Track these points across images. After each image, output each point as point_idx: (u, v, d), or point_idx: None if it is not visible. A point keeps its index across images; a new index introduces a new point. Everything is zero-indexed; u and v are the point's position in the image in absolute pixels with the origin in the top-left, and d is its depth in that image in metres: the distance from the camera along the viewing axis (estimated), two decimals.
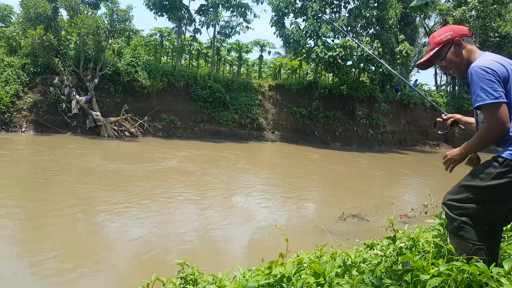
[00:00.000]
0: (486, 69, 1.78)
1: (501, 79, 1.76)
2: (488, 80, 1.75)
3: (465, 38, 2.03)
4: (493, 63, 1.81)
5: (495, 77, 1.75)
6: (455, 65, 2.05)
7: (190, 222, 7.05)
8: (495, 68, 1.78)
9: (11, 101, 17.15)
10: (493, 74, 1.76)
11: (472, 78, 1.81)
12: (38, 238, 5.66)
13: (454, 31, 2.04)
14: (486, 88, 1.75)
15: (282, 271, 1.55)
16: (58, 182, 9.07)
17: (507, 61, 1.86)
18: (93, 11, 19.43)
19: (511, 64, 1.85)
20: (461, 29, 2.06)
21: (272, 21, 23.97)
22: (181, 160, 13.75)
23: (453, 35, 2.03)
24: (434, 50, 2.07)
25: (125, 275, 4.71)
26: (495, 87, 1.74)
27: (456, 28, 2.06)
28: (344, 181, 12.80)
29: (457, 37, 2.02)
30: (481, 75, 1.77)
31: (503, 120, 1.73)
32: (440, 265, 1.35)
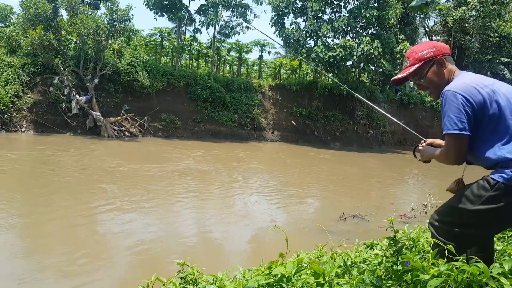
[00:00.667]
0: (457, 95, 1.70)
1: (473, 107, 1.69)
2: (456, 109, 1.70)
3: (447, 57, 1.94)
4: (467, 88, 1.72)
5: (464, 106, 1.69)
6: (434, 86, 1.93)
7: (190, 222, 7.05)
8: (468, 95, 1.70)
9: (11, 101, 17.15)
10: (463, 102, 1.69)
11: (443, 102, 1.76)
12: (36, 238, 5.66)
13: (437, 48, 1.93)
14: (452, 117, 1.70)
15: (282, 271, 1.55)
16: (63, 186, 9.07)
17: (484, 82, 1.76)
18: (93, 11, 19.43)
19: (488, 87, 1.74)
20: (443, 47, 1.95)
21: (272, 21, 23.97)
22: (197, 160, 13.75)
23: (436, 53, 1.91)
24: (414, 67, 1.93)
25: (125, 275, 4.71)
26: (461, 118, 1.69)
27: (438, 45, 1.95)
28: (344, 181, 12.80)
29: (440, 55, 1.91)
30: (451, 102, 1.71)
31: (458, 153, 1.73)
32: (440, 265, 1.35)
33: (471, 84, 1.74)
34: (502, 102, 1.70)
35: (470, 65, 29.06)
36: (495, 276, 1.30)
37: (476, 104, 1.69)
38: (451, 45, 29.31)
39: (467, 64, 29.20)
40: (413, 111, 28.55)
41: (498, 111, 1.69)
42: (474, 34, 28.70)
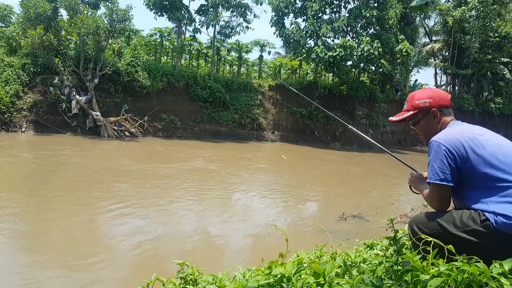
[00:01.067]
0: (442, 146, 1.77)
1: (455, 159, 1.74)
2: (439, 160, 1.76)
3: (443, 109, 1.98)
4: (452, 140, 1.77)
5: (447, 158, 1.75)
6: (425, 134, 2.03)
7: (190, 222, 7.05)
8: (451, 147, 1.75)
9: (11, 101, 17.15)
10: (446, 154, 1.75)
11: (429, 151, 1.84)
12: (36, 238, 5.66)
13: (434, 100, 1.98)
14: (435, 168, 1.77)
15: (282, 271, 1.55)
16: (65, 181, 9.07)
17: (471, 135, 1.78)
18: (93, 11, 19.43)
19: (475, 140, 1.76)
20: (441, 98, 1.99)
21: (272, 21, 23.97)
22: (207, 160, 13.75)
23: (431, 104, 1.98)
24: (409, 113, 2.05)
25: (125, 275, 4.71)
26: (444, 169, 1.75)
27: (437, 96, 1.99)
28: (344, 181, 12.80)
29: (435, 108, 1.97)
30: (435, 153, 1.79)
31: (440, 202, 1.80)
32: (440, 265, 1.35)
33: (457, 137, 1.78)
34: (487, 155, 1.72)
35: (470, 65, 29.05)
36: (495, 276, 1.30)
37: (458, 157, 1.74)
38: (451, 45, 29.36)
39: (467, 64, 29.20)
40: None
41: (482, 165, 1.71)
42: (474, 34, 28.70)
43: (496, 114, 30.38)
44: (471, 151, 1.73)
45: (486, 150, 1.73)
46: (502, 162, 1.70)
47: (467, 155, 1.73)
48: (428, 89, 2.03)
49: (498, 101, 30.48)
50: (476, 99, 30.56)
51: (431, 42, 33.38)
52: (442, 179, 1.75)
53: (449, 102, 2.00)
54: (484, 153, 1.72)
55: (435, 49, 31.14)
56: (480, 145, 1.75)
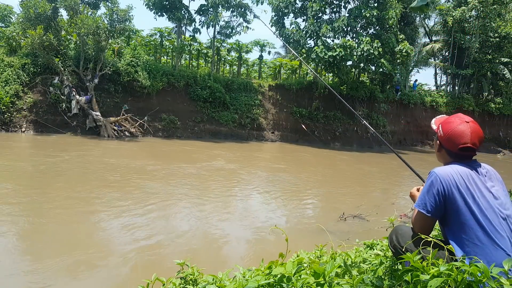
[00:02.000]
0: (437, 181, 1.83)
1: (443, 197, 1.82)
2: (432, 193, 1.85)
3: (450, 150, 1.97)
4: (447, 178, 1.82)
5: (439, 195, 1.82)
6: (435, 150, 2.14)
7: (190, 222, 7.05)
8: (445, 185, 1.81)
9: (11, 101, 17.16)
10: (439, 190, 1.82)
11: (427, 179, 1.90)
12: (34, 237, 5.66)
13: (444, 137, 1.97)
14: (426, 199, 1.87)
15: (282, 271, 1.55)
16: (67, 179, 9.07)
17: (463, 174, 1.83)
18: (93, 11, 19.43)
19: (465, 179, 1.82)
20: (450, 140, 1.93)
21: (272, 21, 23.97)
22: (228, 160, 13.74)
23: (440, 137, 2.03)
24: (434, 127, 2.12)
25: (125, 275, 4.71)
26: (432, 202, 1.84)
27: (449, 136, 1.94)
28: (344, 181, 12.80)
29: (441, 143, 2.02)
30: (431, 185, 1.86)
31: (420, 229, 1.89)
32: (440, 265, 1.35)
33: (454, 175, 1.83)
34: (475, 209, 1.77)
35: (470, 65, 29.05)
36: (495, 276, 1.30)
37: (447, 194, 1.81)
38: (451, 45, 29.37)
39: (467, 64, 29.20)
40: (413, 111, 28.56)
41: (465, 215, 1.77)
42: (474, 34, 28.70)
43: (496, 114, 30.37)
44: (460, 198, 1.80)
45: (476, 203, 1.78)
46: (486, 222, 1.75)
47: (453, 193, 1.81)
48: (460, 121, 1.92)
49: (498, 101, 30.47)
50: (476, 99, 30.55)
51: (431, 42, 33.38)
52: (429, 211, 1.86)
53: (456, 149, 1.91)
54: (474, 206, 1.77)
55: (435, 49, 31.14)
56: (475, 195, 1.79)
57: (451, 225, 1.83)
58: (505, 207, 1.80)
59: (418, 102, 28.66)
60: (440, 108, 28.84)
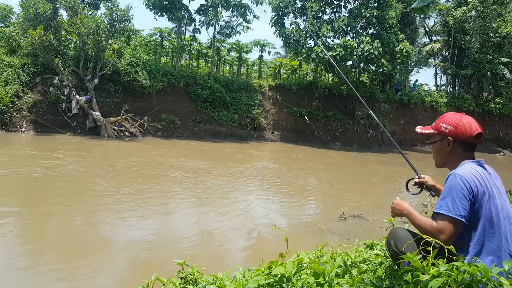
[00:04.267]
0: (466, 183, 1.75)
1: (473, 198, 1.75)
2: (462, 195, 1.74)
3: (463, 143, 1.94)
4: (472, 178, 1.77)
5: (469, 195, 1.74)
6: (436, 157, 2.08)
7: (190, 222, 7.05)
8: (472, 185, 1.75)
9: (11, 101, 17.15)
10: (469, 191, 1.74)
11: (449, 183, 1.80)
12: (34, 237, 5.66)
13: (457, 130, 1.93)
14: (457, 202, 1.74)
15: (282, 271, 1.55)
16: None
17: (482, 174, 1.82)
18: (92, 11, 19.43)
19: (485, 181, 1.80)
20: (465, 132, 1.92)
21: (272, 21, 23.97)
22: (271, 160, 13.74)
23: (451, 132, 1.94)
24: (430, 131, 2.05)
25: (125, 275, 4.71)
26: (465, 205, 1.73)
27: (461, 127, 1.92)
28: (344, 181, 12.80)
29: (453, 137, 1.94)
30: (459, 187, 1.75)
31: (452, 238, 1.73)
32: (440, 265, 1.35)
33: (475, 174, 1.80)
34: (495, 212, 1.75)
35: (470, 65, 29.05)
36: (495, 276, 1.30)
37: (474, 195, 1.75)
38: (451, 45, 29.37)
39: (467, 64, 29.20)
40: (413, 111, 28.56)
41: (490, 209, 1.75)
42: (474, 34, 28.70)
43: (496, 114, 30.36)
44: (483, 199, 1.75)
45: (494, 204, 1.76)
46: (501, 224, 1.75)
47: (478, 193, 1.75)
48: (460, 114, 1.98)
49: (498, 101, 30.47)
50: (476, 99, 30.55)
51: (431, 42, 33.37)
52: (463, 215, 1.72)
53: (472, 139, 1.91)
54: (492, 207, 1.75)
55: (435, 49, 31.13)
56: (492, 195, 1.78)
57: (469, 228, 1.76)
58: (509, 207, 1.81)
59: (418, 102, 28.65)
60: (440, 108, 28.84)
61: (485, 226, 1.73)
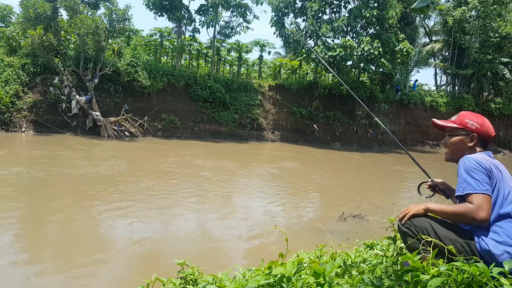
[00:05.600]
0: (480, 163, 1.86)
1: (489, 174, 1.85)
2: (480, 172, 1.83)
3: (484, 140, 2.06)
4: (484, 160, 1.89)
5: (485, 171, 1.84)
6: (452, 151, 2.12)
7: (190, 222, 7.05)
8: (485, 164, 1.86)
9: (11, 101, 17.16)
10: (485, 168, 1.85)
11: (464, 166, 1.88)
12: (35, 237, 5.66)
13: (482, 128, 2.06)
14: (478, 179, 1.81)
15: (282, 271, 1.55)
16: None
17: (492, 161, 1.95)
18: (92, 11, 19.43)
19: (495, 165, 1.92)
20: (488, 131, 2.08)
21: (272, 21, 23.98)
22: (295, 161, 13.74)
23: (477, 129, 2.05)
24: (454, 125, 2.11)
25: (125, 275, 4.71)
26: (486, 180, 1.82)
27: (486, 126, 2.07)
28: (344, 181, 12.79)
29: (479, 134, 2.05)
30: (474, 166, 1.85)
31: (486, 212, 1.75)
32: (440, 265, 1.35)
33: (488, 160, 1.92)
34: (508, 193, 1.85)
35: (470, 65, 29.06)
36: (495, 276, 1.30)
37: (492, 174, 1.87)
38: (451, 45, 29.37)
39: (467, 64, 29.20)
40: (413, 111, 28.56)
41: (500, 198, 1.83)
42: (474, 34, 28.70)
43: (496, 114, 30.36)
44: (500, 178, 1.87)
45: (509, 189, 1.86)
46: None
47: (493, 175, 1.86)
48: (481, 116, 2.12)
49: (498, 101, 30.47)
50: (476, 99, 30.55)
51: (431, 42, 33.37)
52: (487, 189, 1.81)
53: (490, 138, 2.08)
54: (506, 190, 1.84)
55: (435, 49, 31.13)
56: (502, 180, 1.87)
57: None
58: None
59: (418, 102, 28.65)
60: (440, 108, 28.84)
61: (502, 200, 1.81)
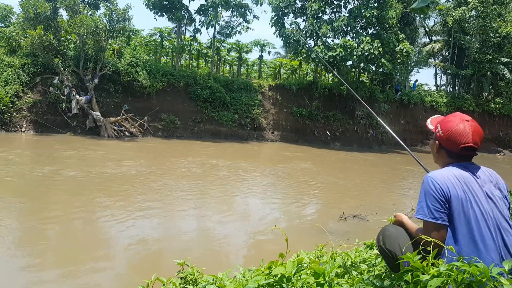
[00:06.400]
0: (436, 185, 1.73)
1: (446, 200, 1.71)
2: (433, 198, 1.72)
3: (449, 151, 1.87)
4: (443, 181, 1.73)
5: (440, 197, 1.71)
6: (433, 155, 2.04)
7: (190, 222, 7.05)
8: (444, 187, 1.72)
9: (11, 101, 17.15)
10: (439, 193, 1.71)
11: (422, 186, 1.79)
12: (35, 237, 5.66)
13: (443, 137, 1.86)
14: (430, 205, 1.72)
15: (282, 271, 1.55)
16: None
17: (460, 178, 1.75)
18: (92, 11, 19.43)
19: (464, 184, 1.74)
20: (451, 140, 1.83)
21: (272, 21, 23.97)
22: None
23: (439, 137, 1.90)
24: (431, 127, 2.03)
25: (125, 275, 4.71)
26: (437, 207, 1.71)
27: (450, 136, 1.84)
28: (344, 181, 12.79)
29: (440, 144, 1.91)
30: (429, 190, 1.74)
31: (440, 240, 1.69)
32: (440, 266, 1.35)
33: (450, 178, 1.74)
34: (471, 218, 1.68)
35: (470, 65, 29.05)
36: (495, 276, 1.30)
37: (446, 198, 1.71)
38: (451, 45, 29.37)
39: (467, 64, 29.20)
40: (413, 111, 28.56)
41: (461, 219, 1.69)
42: (474, 34, 28.70)
43: (496, 114, 30.37)
44: (457, 202, 1.70)
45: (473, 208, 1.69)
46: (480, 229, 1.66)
47: (451, 197, 1.71)
48: (460, 120, 1.84)
49: (498, 101, 30.47)
50: (476, 99, 30.55)
51: (431, 42, 33.37)
52: (437, 217, 1.71)
53: (458, 150, 1.82)
54: (470, 211, 1.68)
55: (435, 49, 31.14)
56: (471, 200, 1.70)
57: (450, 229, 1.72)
58: (501, 214, 1.71)
59: (418, 102, 28.65)
60: (440, 108, 28.83)
61: (463, 231, 1.67)
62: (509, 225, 1.71)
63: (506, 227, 1.69)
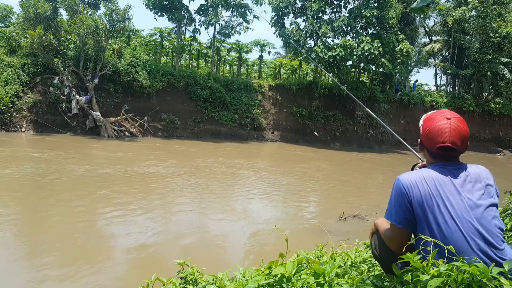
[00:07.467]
0: (402, 188, 1.66)
1: (409, 203, 1.64)
2: (397, 201, 1.68)
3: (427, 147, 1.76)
4: (410, 184, 1.65)
5: (404, 201, 1.65)
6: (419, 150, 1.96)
7: (190, 222, 7.05)
8: (409, 191, 1.64)
9: (11, 101, 17.15)
10: (404, 197, 1.65)
11: (393, 186, 1.72)
12: (35, 239, 5.66)
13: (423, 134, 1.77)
14: (394, 208, 1.69)
15: (282, 271, 1.55)
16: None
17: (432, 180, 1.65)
18: (92, 11, 19.43)
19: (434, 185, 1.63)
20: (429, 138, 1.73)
21: (272, 21, 23.97)
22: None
23: (421, 135, 1.80)
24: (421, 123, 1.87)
25: (125, 275, 4.71)
26: (400, 211, 1.66)
27: (427, 133, 1.74)
28: (344, 181, 12.79)
29: (420, 140, 1.83)
30: (398, 191, 1.68)
31: (395, 244, 1.70)
32: (440, 265, 1.35)
33: (422, 180, 1.66)
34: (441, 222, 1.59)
35: (470, 65, 29.05)
36: (495, 276, 1.30)
37: (416, 202, 1.63)
38: (451, 45, 29.37)
39: (467, 64, 29.20)
40: (413, 111, 28.55)
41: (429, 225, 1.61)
42: (474, 34, 28.70)
43: (496, 114, 30.36)
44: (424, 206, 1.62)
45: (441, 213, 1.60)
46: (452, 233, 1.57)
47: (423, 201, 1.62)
48: (436, 118, 1.73)
49: (498, 101, 30.46)
50: (476, 99, 30.54)
51: (431, 42, 33.36)
52: (399, 221, 1.67)
53: (434, 148, 1.70)
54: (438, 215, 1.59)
55: (435, 49, 31.13)
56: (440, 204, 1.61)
57: (416, 235, 1.64)
58: (482, 215, 1.58)
59: (418, 102, 28.64)
60: (440, 108, 28.78)
61: (433, 235, 1.58)
62: (489, 228, 1.57)
63: (483, 230, 1.56)
